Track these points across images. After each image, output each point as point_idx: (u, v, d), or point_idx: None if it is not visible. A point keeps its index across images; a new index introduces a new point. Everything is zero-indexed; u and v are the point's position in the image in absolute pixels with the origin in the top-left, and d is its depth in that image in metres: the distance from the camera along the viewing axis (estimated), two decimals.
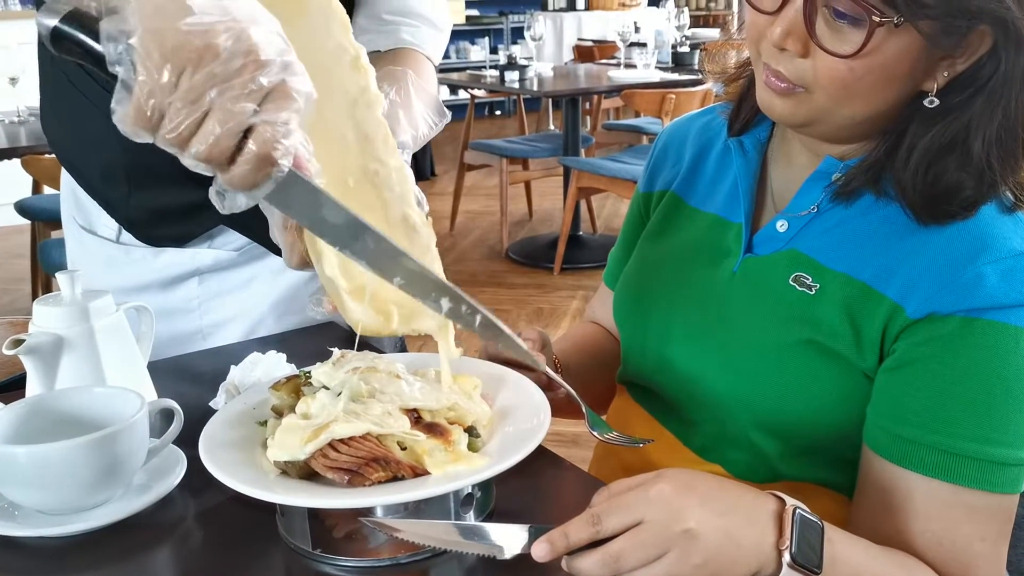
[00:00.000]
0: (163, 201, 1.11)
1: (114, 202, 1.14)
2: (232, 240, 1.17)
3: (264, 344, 1.08)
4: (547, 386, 0.84)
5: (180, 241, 1.15)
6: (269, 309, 1.20)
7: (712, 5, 8.87)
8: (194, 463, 0.78)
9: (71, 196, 1.22)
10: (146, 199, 1.12)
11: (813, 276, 0.80)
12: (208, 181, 0.61)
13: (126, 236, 1.17)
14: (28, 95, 2.03)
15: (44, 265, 2.90)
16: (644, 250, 0.98)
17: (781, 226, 0.84)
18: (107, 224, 1.18)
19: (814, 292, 0.79)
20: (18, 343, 0.87)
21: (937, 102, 0.74)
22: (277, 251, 0.79)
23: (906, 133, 0.76)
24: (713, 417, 0.86)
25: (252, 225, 1.10)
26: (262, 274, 1.19)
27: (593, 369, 1.05)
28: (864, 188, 0.78)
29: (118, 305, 0.94)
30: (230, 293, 1.19)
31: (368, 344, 1.03)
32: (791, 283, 0.81)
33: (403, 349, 1.31)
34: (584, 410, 0.85)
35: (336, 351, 0.81)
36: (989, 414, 0.71)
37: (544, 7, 7.27)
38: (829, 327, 0.78)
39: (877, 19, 0.68)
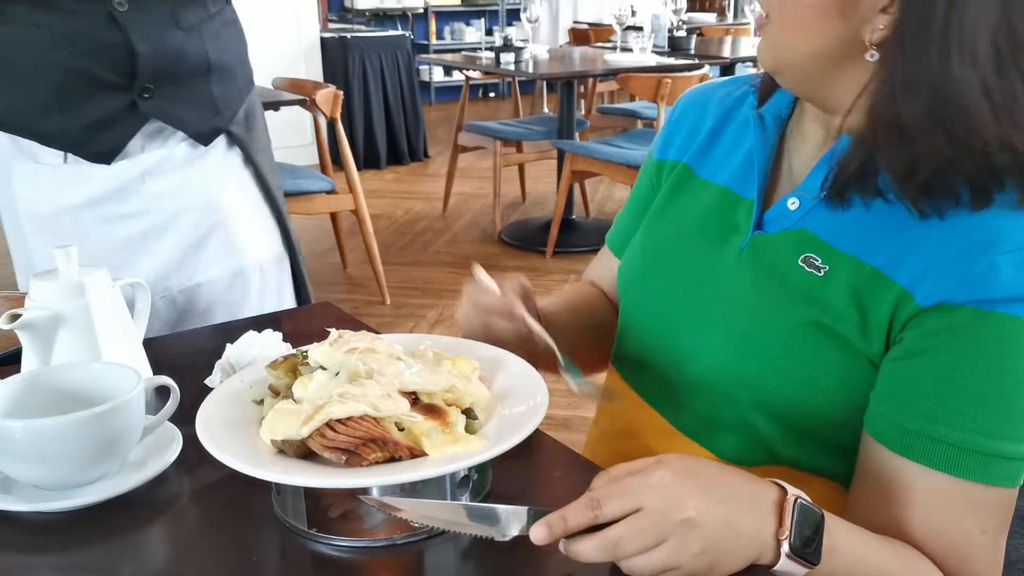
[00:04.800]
0: (94, 114, 1.18)
1: (53, 132, 1.19)
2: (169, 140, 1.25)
3: (260, 323, 1.08)
4: (526, 337, 0.85)
5: (119, 147, 1.21)
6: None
7: None
8: (190, 441, 0.78)
9: (10, 144, 1.23)
10: (78, 117, 1.17)
11: (823, 258, 0.79)
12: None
13: (72, 158, 1.21)
14: None
15: None
16: (653, 222, 0.97)
17: (792, 204, 0.82)
18: (54, 154, 1.22)
19: (822, 274, 0.78)
20: (14, 318, 0.86)
21: (876, 56, 0.73)
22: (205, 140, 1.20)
23: (877, 109, 0.73)
24: (708, 399, 0.86)
25: (182, 116, 1.23)
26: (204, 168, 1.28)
27: (582, 331, 1.03)
28: (856, 190, 0.77)
29: (114, 281, 0.94)
30: (178, 190, 1.26)
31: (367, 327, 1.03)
32: (800, 263, 0.80)
33: None
34: (558, 355, 0.84)
35: (334, 331, 0.81)
36: (998, 408, 0.70)
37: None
38: (836, 310, 0.77)
39: None
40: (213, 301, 1.29)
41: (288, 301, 1.37)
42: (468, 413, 0.75)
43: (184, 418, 0.81)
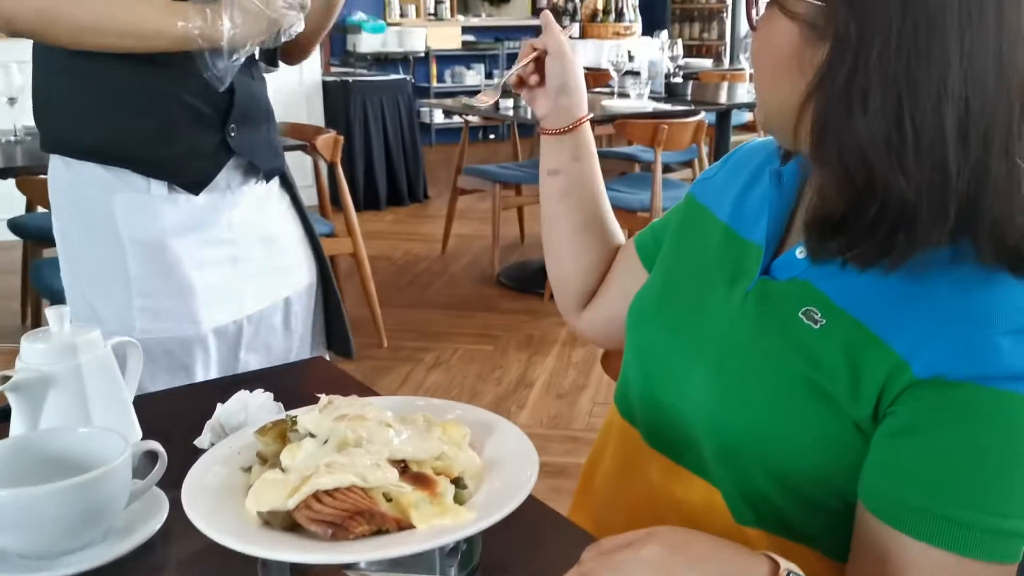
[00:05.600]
0: (192, 147, 1.33)
1: (156, 161, 1.32)
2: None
3: (251, 380, 1.08)
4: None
5: (208, 178, 1.35)
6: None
7: (705, 36, 8.96)
8: (177, 506, 0.77)
9: (112, 178, 1.31)
10: (179, 148, 1.32)
11: (822, 312, 0.79)
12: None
13: (169, 188, 1.34)
14: (25, 115, 2.03)
15: (38, 285, 2.88)
16: (670, 262, 0.98)
17: (800, 253, 0.83)
18: (156, 184, 1.34)
19: (818, 327, 0.78)
20: (4, 379, 0.86)
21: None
22: (269, 177, 1.45)
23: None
24: (700, 438, 0.85)
25: (257, 154, 1.40)
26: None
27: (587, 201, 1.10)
28: (850, 249, 0.76)
29: (106, 340, 0.94)
30: (252, 224, 1.42)
31: (359, 389, 1.02)
32: (800, 315, 0.80)
33: None
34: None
35: (324, 397, 0.81)
36: (1000, 485, 0.70)
37: (539, 35, 7.33)
38: (828, 366, 0.76)
39: None
40: (271, 327, 1.45)
41: (320, 322, 1.55)
42: (457, 482, 0.75)
43: (172, 481, 0.80)
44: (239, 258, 1.40)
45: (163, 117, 1.30)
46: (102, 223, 1.32)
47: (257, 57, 1.42)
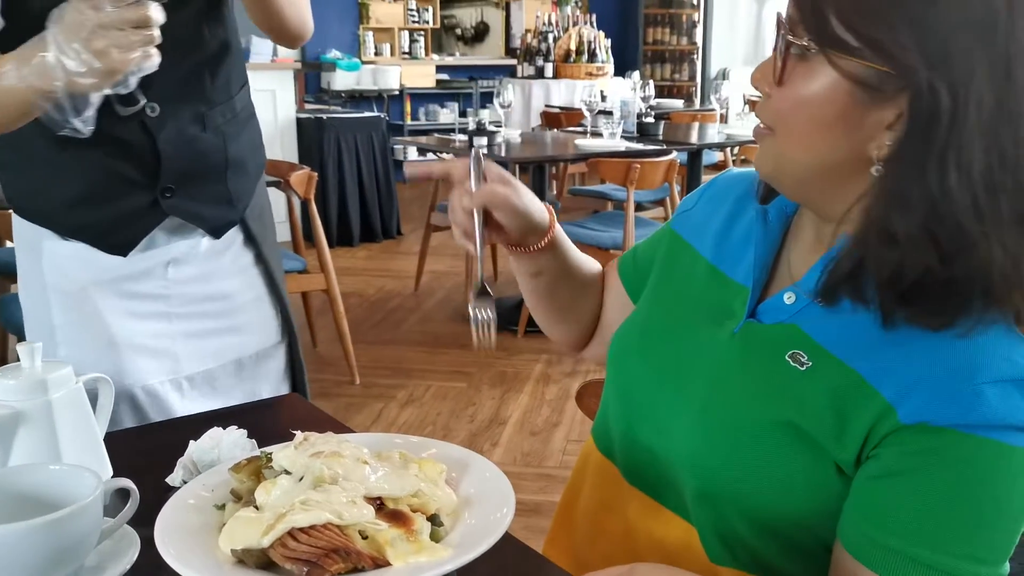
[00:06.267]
0: (118, 210, 1.25)
1: (78, 225, 1.25)
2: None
3: (224, 417, 1.07)
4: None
5: (136, 240, 1.27)
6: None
7: (676, 77, 9.12)
8: (148, 544, 0.76)
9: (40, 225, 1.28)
10: (103, 212, 1.25)
11: (809, 355, 0.79)
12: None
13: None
14: None
15: (2, 321, 2.84)
16: (653, 299, 0.98)
17: (788, 298, 0.83)
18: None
19: (804, 369, 0.78)
20: None
21: (882, 171, 0.74)
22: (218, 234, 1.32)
23: (872, 217, 0.74)
24: (680, 478, 0.85)
25: (199, 212, 1.30)
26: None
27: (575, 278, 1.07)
28: (845, 293, 0.77)
29: (77, 377, 0.93)
30: (197, 280, 1.33)
31: (334, 426, 1.02)
32: (786, 358, 0.80)
33: None
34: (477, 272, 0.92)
35: (299, 434, 0.80)
36: (978, 532, 0.71)
37: (513, 74, 7.42)
38: (812, 409, 0.77)
39: (790, 39, 0.73)
40: (215, 387, 1.35)
41: (283, 387, 1.43)
42: (434, 519, 0.75)
43: (143, 519, 0.79)
44: (174, 315, 1.31)
45: (85, 181, 1.23)
46: (31, 268, 1.29)
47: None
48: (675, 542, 0.87)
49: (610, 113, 4.58)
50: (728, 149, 5.61)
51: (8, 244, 3.30)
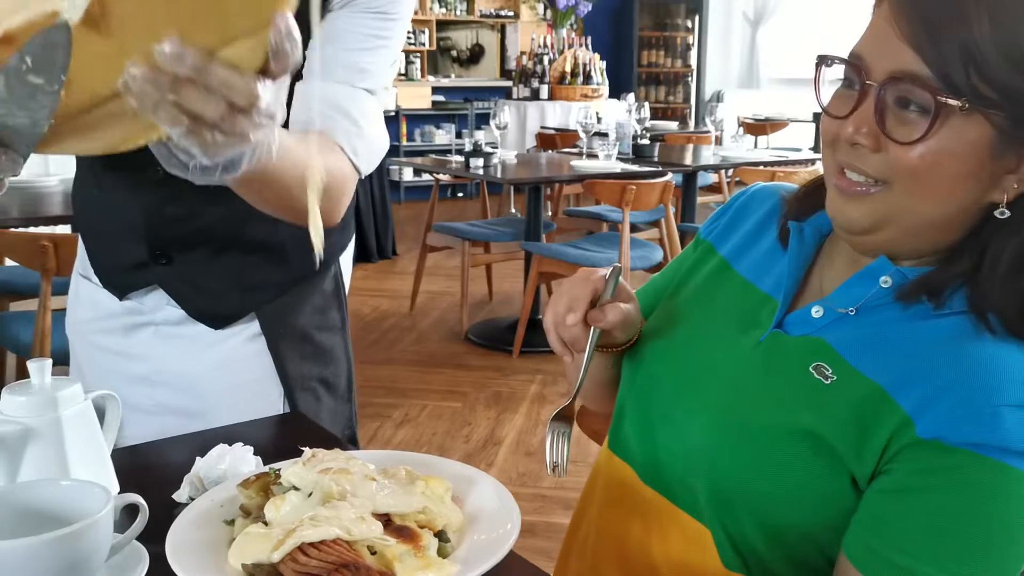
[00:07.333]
0: (123, 259, 1.22)
1: (91, 253, 1.28)
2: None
3: (230, 435, 1.08)
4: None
5: (127, 288, 1.23)
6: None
7: (671, 99, 9.19)
8: (156, 559, 0.77)
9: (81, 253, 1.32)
10: (113, 257, 1.24)
11: (833, 368, 0.80)
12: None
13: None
14: None
15: (2, 338, 2.84)
16: (679, 302, 0.98)
17: (816, 312, 0.84)
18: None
19: (829, 383, 0.79)
20: None
21: (1008, 213, 0.76)
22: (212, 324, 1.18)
23: (987, 248, 0.76)
24: (696, 480, 0.86)
25: (186, 292, 1.20)
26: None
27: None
28: (935, 297, 0.78)
29: (86, 394, 0.94)
30: (180, 357, 1.23)
31: (339, 443, 1.03)
32: (810, 370, 0.81)
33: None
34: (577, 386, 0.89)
35: (307, 450, 0.82)
36: (987, 554, 0.72)
37: (508, 96, 7.47)
38: (834, 420, 0.77)
39: (943, 99, 0.71)
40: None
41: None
42: (440, 536, 0.76)
43: (151, 535, 0.80)
44: (156, 382, 1.23)
45: (93, 211, 1.26)
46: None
47: None
48: (689, 543, 0.88)
49: (605, 135, 4.62)
50: (723, 171, 5.66)
51: (9, 263, 3.31)
